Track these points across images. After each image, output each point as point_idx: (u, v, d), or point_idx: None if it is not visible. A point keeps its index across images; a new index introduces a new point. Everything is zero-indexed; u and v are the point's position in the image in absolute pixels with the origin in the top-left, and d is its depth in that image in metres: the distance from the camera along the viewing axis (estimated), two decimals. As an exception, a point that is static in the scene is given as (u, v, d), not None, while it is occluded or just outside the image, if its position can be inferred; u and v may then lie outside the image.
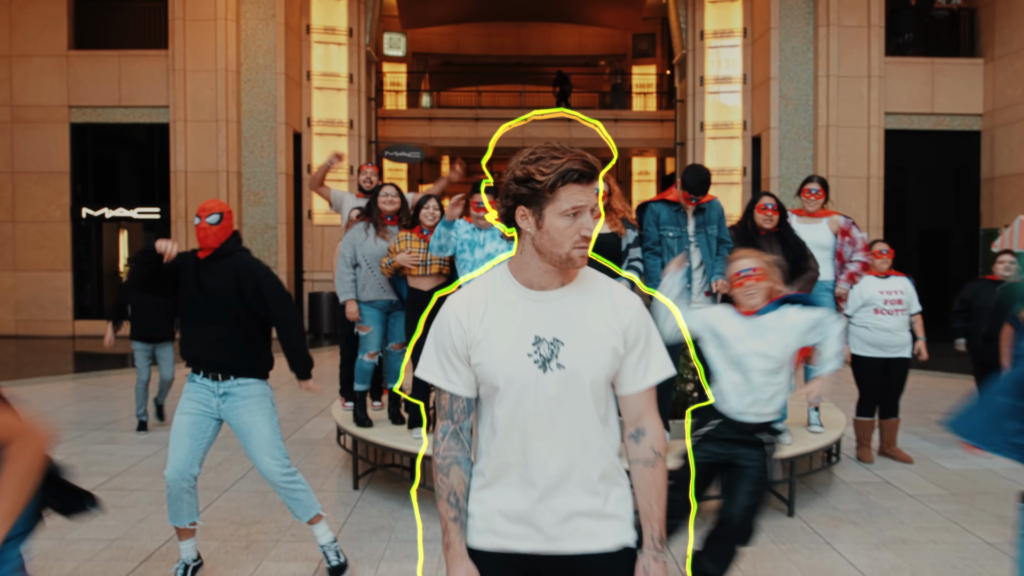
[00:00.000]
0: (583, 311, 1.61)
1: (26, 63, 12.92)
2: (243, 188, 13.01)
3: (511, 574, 1.64)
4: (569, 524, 1.60)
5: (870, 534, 4.13)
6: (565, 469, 1.58)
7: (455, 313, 1.63)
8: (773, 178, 13.04)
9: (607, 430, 1.63)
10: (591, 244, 1.57)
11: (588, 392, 1.58)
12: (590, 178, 1.54)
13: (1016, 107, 12.26)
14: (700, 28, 14.16)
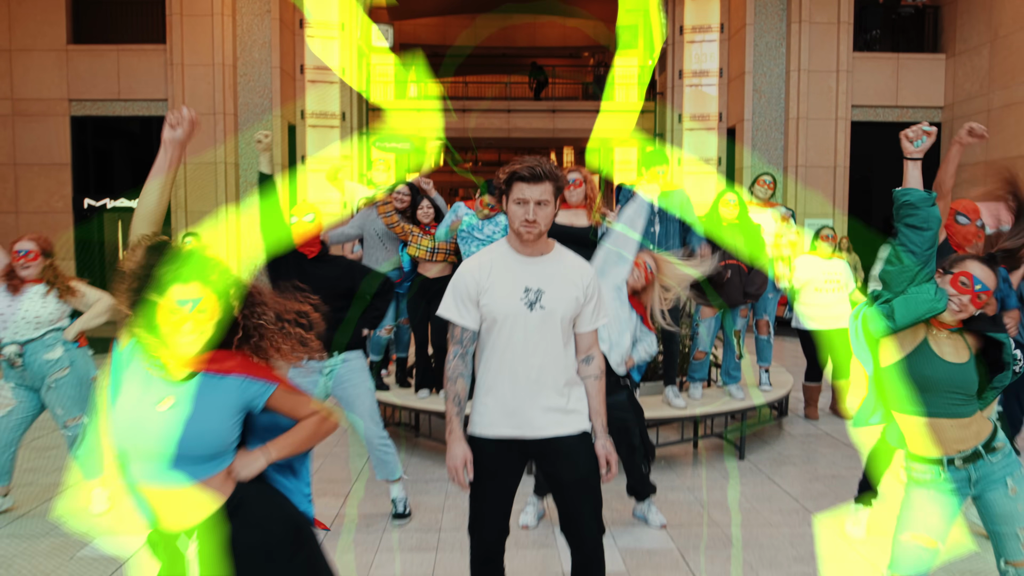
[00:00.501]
0: (559, 272, 2.41)
1: (26, 57, 13.46)
2: (240, 179, 13.66)
3: (506, 454, 2.43)
4: (545, 416, 2.39)
5: (807, 472, 4.96)
6: (541, 376, 2.38)
7: (470, 270, 2.44)
8: (746, 168, 13.86)
9: (568, 352, 2.43)
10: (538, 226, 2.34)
11: (558, 325, 2.39)
12: (534, 179, 2.33)
13: (973, 100, 13.13)
14: (679, 23, 14.93)
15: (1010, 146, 12.25)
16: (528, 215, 2.34)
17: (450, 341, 2.50)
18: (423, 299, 5.22)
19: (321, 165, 14.45)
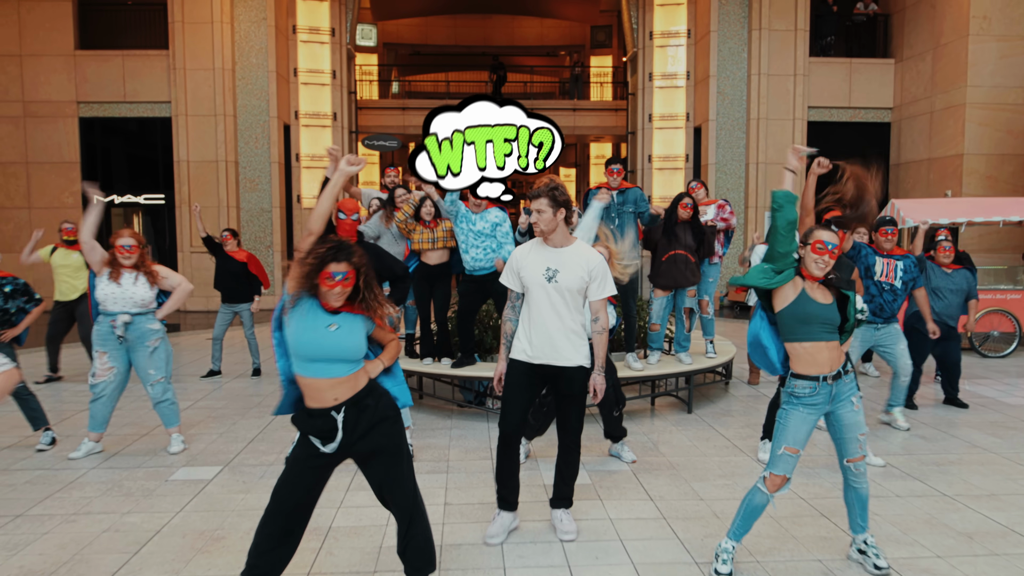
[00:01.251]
0: (572, 259, 3.64)
1: (36, 62, 14.36)
2: (240, 176, 14.67)
3: (529, 372, 3.65)
4: (559, 351, 3.59)
5: (741, 422, 6.17)
6: (557, 326, 3.59)
7: (516, 254, 3.70)
8: (711, 164, 15.10)
9: (573, 313, 3.64)
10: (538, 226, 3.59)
11: (567, 294, 3.60)
12: (534, 196, 3.54)
13: (918, 102, 14.45)
14: (649, 29, 16.11)
15: (949, 146, 13.57)
16: (532, 219, 3.59)
17: (508, 300, 3.75)
18: (427, 283, 6.34)
19: (315, 162, 15.54)
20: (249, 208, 14.72)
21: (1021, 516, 4.18)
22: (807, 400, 3.34)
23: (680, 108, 15.96)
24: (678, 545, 3.79)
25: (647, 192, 16.10)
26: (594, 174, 22.73)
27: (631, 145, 17.34)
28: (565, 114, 19.29)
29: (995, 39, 12.96)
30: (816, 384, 3.35)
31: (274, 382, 7.84)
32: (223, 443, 5.63)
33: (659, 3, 15.91)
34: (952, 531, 3.97)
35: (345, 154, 3.55)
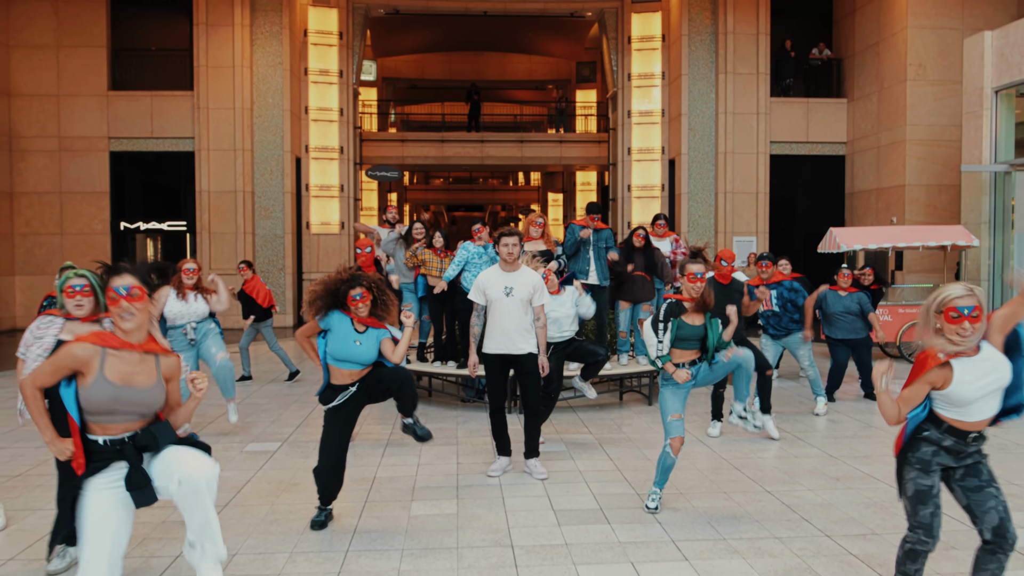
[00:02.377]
0: (521, 279, 5.19)
1: (71, 102, 15.87)
2: (256, 205, 16.17)
3: (499, 361, 5.17)
4: (515, 344, 5.14)
5: (690, 412, 7.68)
6: (512, 327, 5.13)
7: (482, 278, 5.21)
8: (684, 193, 16.72)
9: (528, 316, 5.18)
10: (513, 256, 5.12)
11: (520, 303, 5.17)
12: (509, 234, 5.12)
13: (867, 138, 16.14)
14: (628, 71, 17.79)
15: (893, 177, 15.24)
16: (507, 252, 5.12)
17: (474, 311, 5.24)
18: (439, 303, 7.87)
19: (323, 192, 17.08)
20: (264, 234, 16.20)
21: (882, 468, 5.71)
22: (673, 383, 4.80)
23: (656, 142, 17.61)
24: (626, 485, 5.30)
25: (627, 218, 17.71)
26: (580, 198, 24.39)
27: (612, 175, 18.95)
28: (552, 145, 20.94)
29: (930, 84, 14.67)
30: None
31: (305, 385, 9.32)
32: (276, 427, 7.11)
33: (636, 48, 17.60)
34: (826, 476, 5.50)
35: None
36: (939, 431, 3.05)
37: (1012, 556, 3.09)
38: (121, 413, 2.75)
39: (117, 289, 2.83)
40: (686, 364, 4.85)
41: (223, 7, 15.71)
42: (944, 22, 14.80)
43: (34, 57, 15.77)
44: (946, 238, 10.92)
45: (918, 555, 3.12)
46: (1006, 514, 3.00)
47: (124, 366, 2.81)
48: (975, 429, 3.02)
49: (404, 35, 22.82)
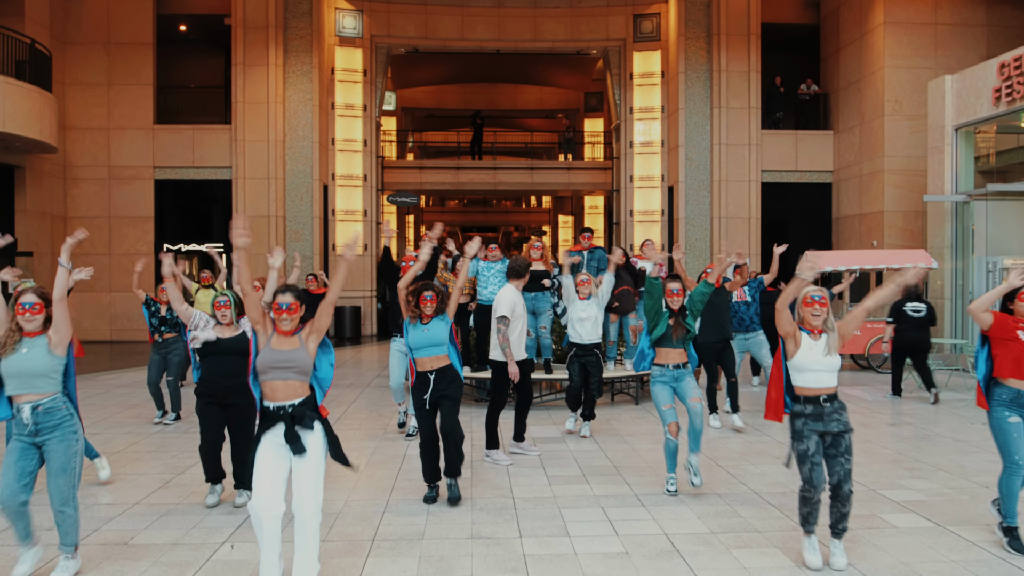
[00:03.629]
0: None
1: (120, 134, 17.47)
2: (287, 228, 17.66)
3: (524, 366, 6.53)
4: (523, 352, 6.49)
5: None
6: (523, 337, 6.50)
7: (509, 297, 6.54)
8: (682, 218, 18.08)
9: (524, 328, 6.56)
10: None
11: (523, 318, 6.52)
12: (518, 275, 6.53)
13: (851, 167, 17.47)
14: (630, 104, 19.23)
15: (874, 204, 16.54)
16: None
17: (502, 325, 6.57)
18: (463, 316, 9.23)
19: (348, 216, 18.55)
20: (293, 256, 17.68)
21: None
22: (660, 379, 6.07)
23: (656, 171, 19.00)
24: (607, 460, 6.64)
25: (630, 240, 19.06)
26: (587, 221, 25.81)
27: (616, 201, 20.35)
28: (561, 172, 22.39)
29: (905, 118, 16.00)
30: (667, 369, 6.07)
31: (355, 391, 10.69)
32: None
33: (638, 84, 19.06)
34: (769, 456, 6.81)
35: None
36: (800, 403, 4.40)
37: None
38: (277, 370, 4.03)
39: (279, 302, 4.01)
40: (670, 366, 6.00)
41: (259, 49, 17.30)
42: (919, 62, 16.16)
43: (87, 94, 17.40)
44: (908, 260, 12.18)
45: (808, 501, 4.40)
46: (846, 477, 4.33)
47: (278, 343, 4.02)
48: (821, 393, 4.36)
49: (422, 69, 24.41)
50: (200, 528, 5.01)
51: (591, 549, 4.60)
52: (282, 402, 3.93)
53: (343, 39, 18.61)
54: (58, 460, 4.09)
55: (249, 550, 4.59)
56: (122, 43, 17.45)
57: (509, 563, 4.38)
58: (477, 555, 4.51)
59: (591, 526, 5.01)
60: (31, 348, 4.11)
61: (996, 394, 4.65)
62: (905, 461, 6.75)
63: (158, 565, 4.37)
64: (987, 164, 14.09)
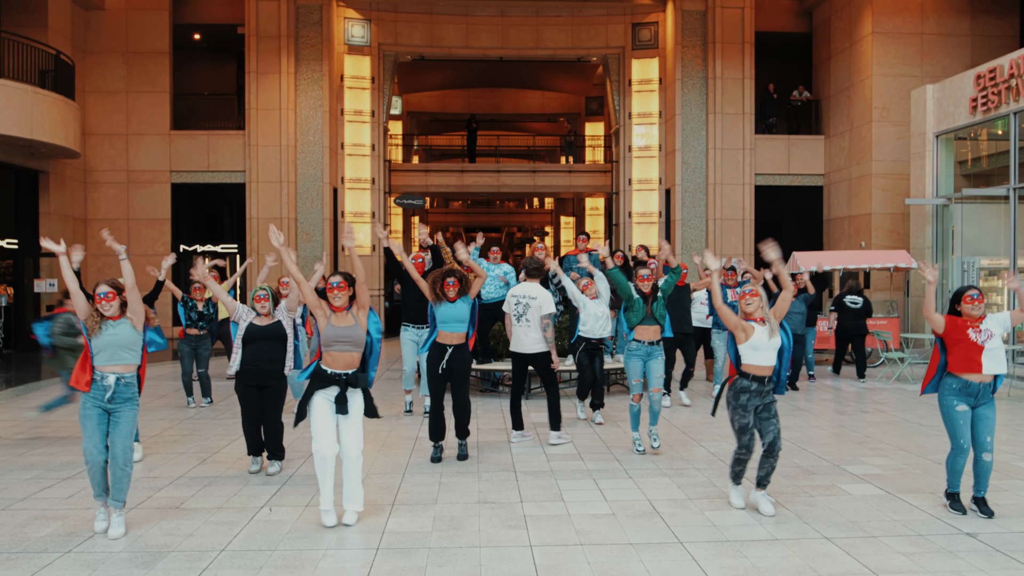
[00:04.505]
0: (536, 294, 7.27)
1: (138, 140, 18.21)
2: (298, 230, 18.39)
3: (518, 360, 7.23)
4: (533, 344, 7.20)
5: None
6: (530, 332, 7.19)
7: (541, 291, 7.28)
8: (678, 220, 18.78)
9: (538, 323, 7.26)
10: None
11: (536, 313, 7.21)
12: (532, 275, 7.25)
13: (841, 171, 18.15)
14: (628, 110, 19.93)
15: (862, 206, 17.23)
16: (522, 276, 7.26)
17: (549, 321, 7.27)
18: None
19: (356, 218, 19.27)
20: (305, 256, 18.39)
21: (785, 432, 7.71)
22: (635, 352, 6.85)
23: (654, 174, 19.70)
24: (601, 441, 7.35)
25: (628, 241, 19.75)
26: (588, 222, 26.53)
27: (615, 203, 21.05)
28: (562, 175, 23.08)
29: (892, 124, 16.67)
30: (644, 344, 6.85)
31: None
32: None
33: (636, 90, 19.76)
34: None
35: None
36: (747, 379, 5.15)
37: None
38: (340, 343, 4.98)
39: (331, 282, 5.05)
40: (645, 342, 6.84)
41: (271, 57, 18.03)
42: (905, 70, 16.83)
43: (107, 101, 18.14)
44: (889, 261, 12.90)
45: (741, 462, 5.33)
46: (777, 436, 5.18)
47: (337, 320, 5.06)
48: (767, 373, 5.17)
49: (428, 74, 25.12)
50: (240, 495, 5.73)
51: (582, 511, 5.31)
52: (341, 370, 5.04)
53: (352, 47, 19.33)
54: (127, 426, 4.87)
55: (285, 512, 5.31)
56: (140, 52, 18.19)
57: (511, 522, 5.09)
58: (484, 516, 5.22)
59: (583, 493, 5.72)
60: (116, 326, 4.88)
61: (946, 384, 5.32)
62: (871, 442, 7.45)
63: (208, 523, 5.09)
64: (977, 167, 14.76)
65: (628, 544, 4.68)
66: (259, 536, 4.85)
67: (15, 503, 5.54)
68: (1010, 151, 12.46)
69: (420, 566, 4.35)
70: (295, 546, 4.68)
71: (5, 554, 4.56)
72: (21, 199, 16.26)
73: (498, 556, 4.49)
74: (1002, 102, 12.39)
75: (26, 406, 9.49)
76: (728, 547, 4.63)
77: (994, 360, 5.17)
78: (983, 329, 5.19)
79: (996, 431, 7.84)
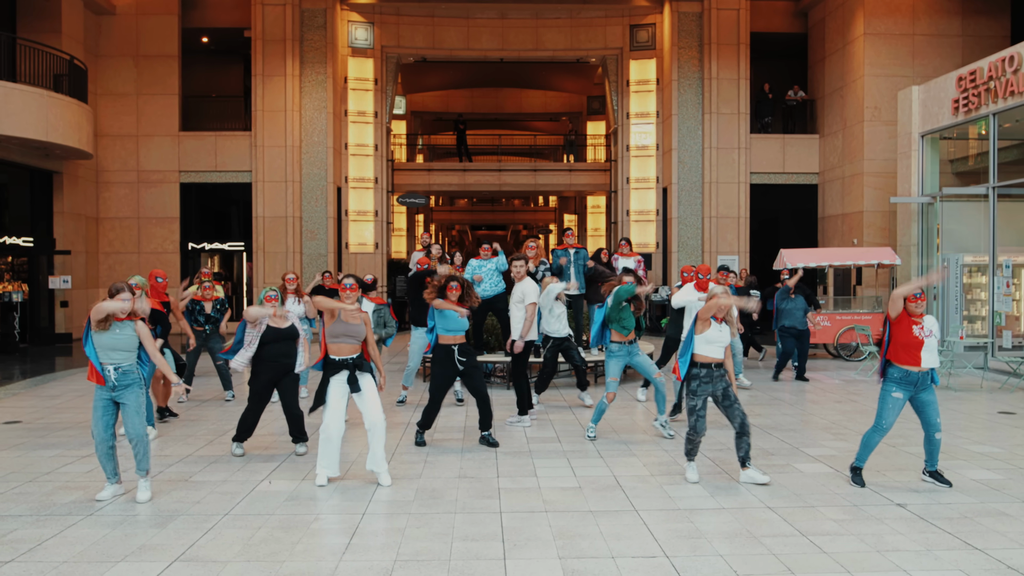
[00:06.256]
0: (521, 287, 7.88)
1: (148, 141, 18.90)
2: (303, 228, 19.04)
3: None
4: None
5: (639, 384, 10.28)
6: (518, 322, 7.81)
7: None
8: (675, 218, 19.31)
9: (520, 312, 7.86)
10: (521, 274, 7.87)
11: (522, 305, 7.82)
12: (518, 259, 7.83)
13: (834, 169, 18.64)
14: (626, 110, 20.48)
15: (855, 204, 17.71)
16: (517, 272, 7.83)
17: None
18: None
19: (360, 217, 19.91)
20: (309, 254, 19.05)
21: (763, 420, 8.27)
22: (615, 353, 7.42)
23: (651, 173, 20.24)
24: (580, 427, 7.93)
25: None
26: (590, 220, 27.10)
27: (614, 201, 21.60)
28: (563, 173, 23.66)
29: (884, 124, 17.15)
30: (624, 344, 7.43)
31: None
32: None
33: (634, 91, 20.31)
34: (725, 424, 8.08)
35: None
36: (697, 367, 5.77)
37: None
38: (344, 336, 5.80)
39: (343, 283, 5.99)
40: (625, 342, 7.41)
41: (277, 60, 18.68)
42: (897, 71, 17.30)
43: (118, 104, 18.84)
44: (873, 258, 13.41)
45: (691, 441, 5.95)
46: (744, 417, 5.82)
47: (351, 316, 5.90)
48: (713, 361, 5.78)
49: (431, 75, 25.72)
50: (243, 471, 6.35)
51: (552, 485, 5.90)
52: (345, 356, 5.90)
53: (355, 50, 19.96)
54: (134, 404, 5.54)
55: (283, 484, 5.92)
56: (150, 56, 18.87)
57: (486, 493, 5.69)
58: (462, 488, 5.82)
59: (555, 470, 6.31)
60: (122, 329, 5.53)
61: (889, 372, 5.89)
62: (835, 428, 8.00)
63: (214, 493, 5.71)
64: (964, 166, 15.23)
65: (588, 511, 5.27)
66: (259, 503, 5.47)
67: (41, 476, 6.18)
68: (990, 151, 12.94)
69: (400, 528, 4.95)
70: (291, 511, 5.29)
71: (35, 516, 5.19)
72: (36, 199, 16.96)
73: (470, 520, 5.09)
74: (982, 103, 12.88)
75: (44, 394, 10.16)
76: (678, 514, 5.21)
77: (930, 355, 5.74)
78: (925, 327, 5.75)
79: (957, 419, 8.41)
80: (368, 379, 5.96)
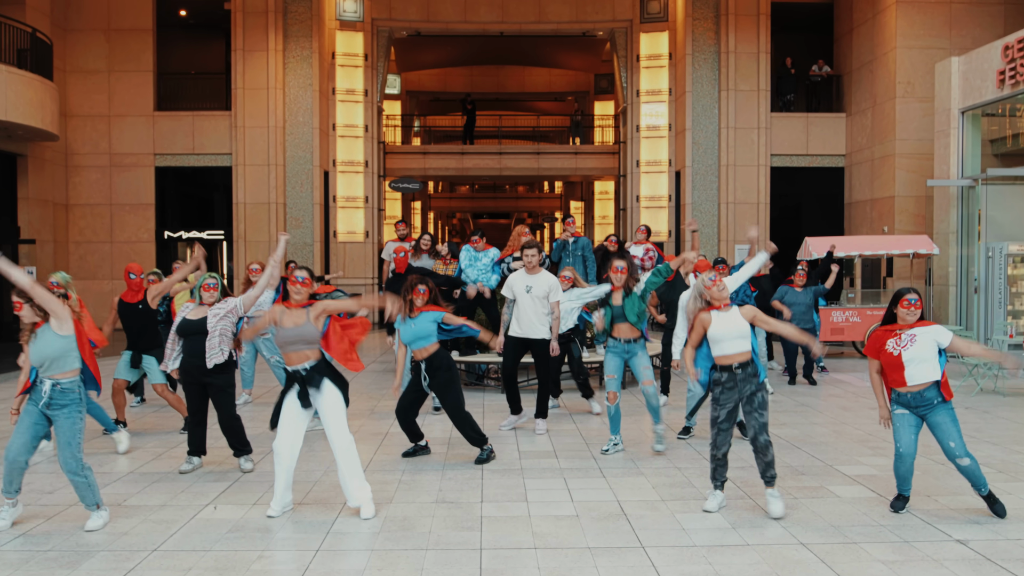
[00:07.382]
0: (540, 280, 7.24)
1: (121, 121, 18.22)
2: (287, 215, 18.36)
3: (517, 343, 7.19)
4: (533, 328, 7.14)
5: (654, 391, 9.57)
6: (530, 317, 7.13)
7: (511, 279, 7.33)
8: (688, 204, 18.56)
9: (541, 309, 7.17)
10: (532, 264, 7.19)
11: (537, 299, 7.16)
12: (530, 245, 7.14)
13: (863, 151, 17.84)
14: (636, 87, 19.70)
15: (885, 188, 16.94)
16: (525, 259, 7.12)
17: (506, 305, 7.23)
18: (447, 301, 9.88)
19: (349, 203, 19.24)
20: (294, 243, 18.36)
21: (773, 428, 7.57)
22: (612, 349, 6.72)
23: (663, 155, 19.48)
24: (581, 438, 7.24)
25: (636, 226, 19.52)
26: (597, 207, 26.35)
27: (622, 186, 20.85)
28: (567, 157, 22.93)
29: (918, 100, 16.34)
30: (620, 343, 6.71)
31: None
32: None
33: (645, 66, 19.52)
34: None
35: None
36: (716, 371, 5.04)
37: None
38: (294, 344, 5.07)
39: (297, 276, 5.18)
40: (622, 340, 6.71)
41: (258, 34, 17.96)
42: (932, 42, 16.48)
43: (88, 81, 18.16)
44: (909, 247, 12.65)
45: (715, 459, 5.21)
46: (760, 430, 5.11)
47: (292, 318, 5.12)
48: (734, 361, 5.06)
49: (427, 51, 24.99)
50: (188, 492, 5.68)
51: (544, 513, 5.21)
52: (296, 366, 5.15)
53: (344, 23, 19.22)
54: (66, 434, 4.86)
55: (231, 511, 5.25)
56: (122, 29, 18.18)
57: (466, 523, 5.00)
58: (438, 516, 5.13)
59: (549, 493, 5.62)
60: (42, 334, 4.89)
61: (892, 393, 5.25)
62: (872, 441, 7.29)
63: (147, 522, 5.04)
64: (1009, 146, 14.43)
65: (586, 548, 4.57)
66: (196, 535, 4.79)
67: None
68: (1040, 128, 12.15)
69: (358, 569, 4.27)
70: (231, 546, 4.61)
71: (-77, 555, 4.53)
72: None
73: (443, 559, 4.40)
74: (1031, 75, 12.09)
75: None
76: (693, 552, 4.51)
77: (921, 368, 5.01)
78: (902, 337, 5.04)
79: (1010, 430, 7.68)
80: (329, 395, 5.13)
